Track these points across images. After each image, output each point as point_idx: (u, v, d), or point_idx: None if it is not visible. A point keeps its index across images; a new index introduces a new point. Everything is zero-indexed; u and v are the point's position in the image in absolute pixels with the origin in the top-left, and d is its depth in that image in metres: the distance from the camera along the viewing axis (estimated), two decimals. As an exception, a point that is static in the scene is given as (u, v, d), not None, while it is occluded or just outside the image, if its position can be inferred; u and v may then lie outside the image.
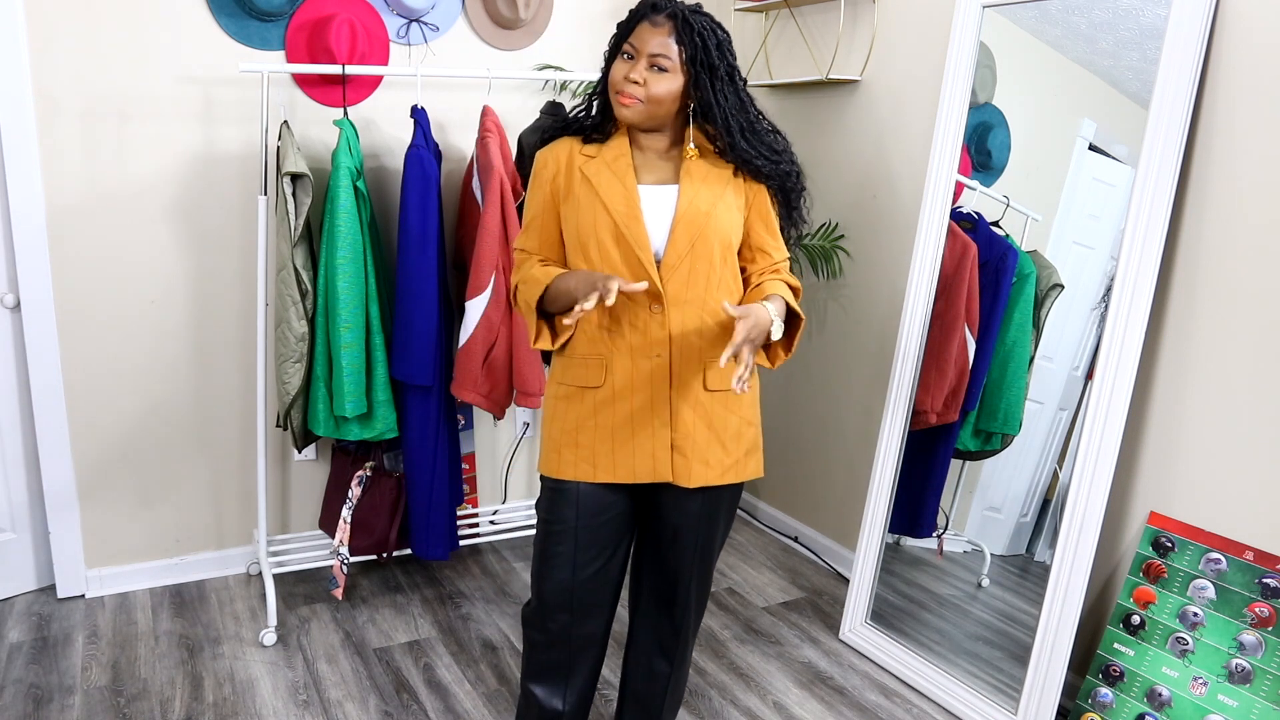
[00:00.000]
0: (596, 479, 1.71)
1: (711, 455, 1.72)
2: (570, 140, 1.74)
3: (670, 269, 1.66)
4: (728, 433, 1.74)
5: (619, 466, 1.70)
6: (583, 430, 1.72)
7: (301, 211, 2.45)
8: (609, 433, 1.70)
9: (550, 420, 1.76)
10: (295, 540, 2.91)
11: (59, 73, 2.45)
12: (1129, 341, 2.02)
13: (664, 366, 1.68)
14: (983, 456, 2.40)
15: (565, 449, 1.73)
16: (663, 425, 1.69)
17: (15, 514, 2.69)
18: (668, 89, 1.62)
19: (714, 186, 1.70)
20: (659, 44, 1.61)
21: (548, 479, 1.77)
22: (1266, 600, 1.89)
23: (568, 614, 1.77)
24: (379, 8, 2.73)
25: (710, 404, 1.72)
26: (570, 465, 1.72)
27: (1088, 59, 2.16)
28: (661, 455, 1.70)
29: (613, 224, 1.65)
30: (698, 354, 1.69)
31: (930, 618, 2.47)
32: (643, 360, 1.68)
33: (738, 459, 1.77)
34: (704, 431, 1.72)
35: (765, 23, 3.21)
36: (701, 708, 2.30)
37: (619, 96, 1.64)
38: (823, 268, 2.99)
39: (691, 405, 1.70)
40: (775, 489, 3.36)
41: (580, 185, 1.69)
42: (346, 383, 2.48)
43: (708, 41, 1.62)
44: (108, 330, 2.64)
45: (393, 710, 2.25)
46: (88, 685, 2.31)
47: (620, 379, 1.69)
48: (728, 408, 1.74)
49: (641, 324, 1.66)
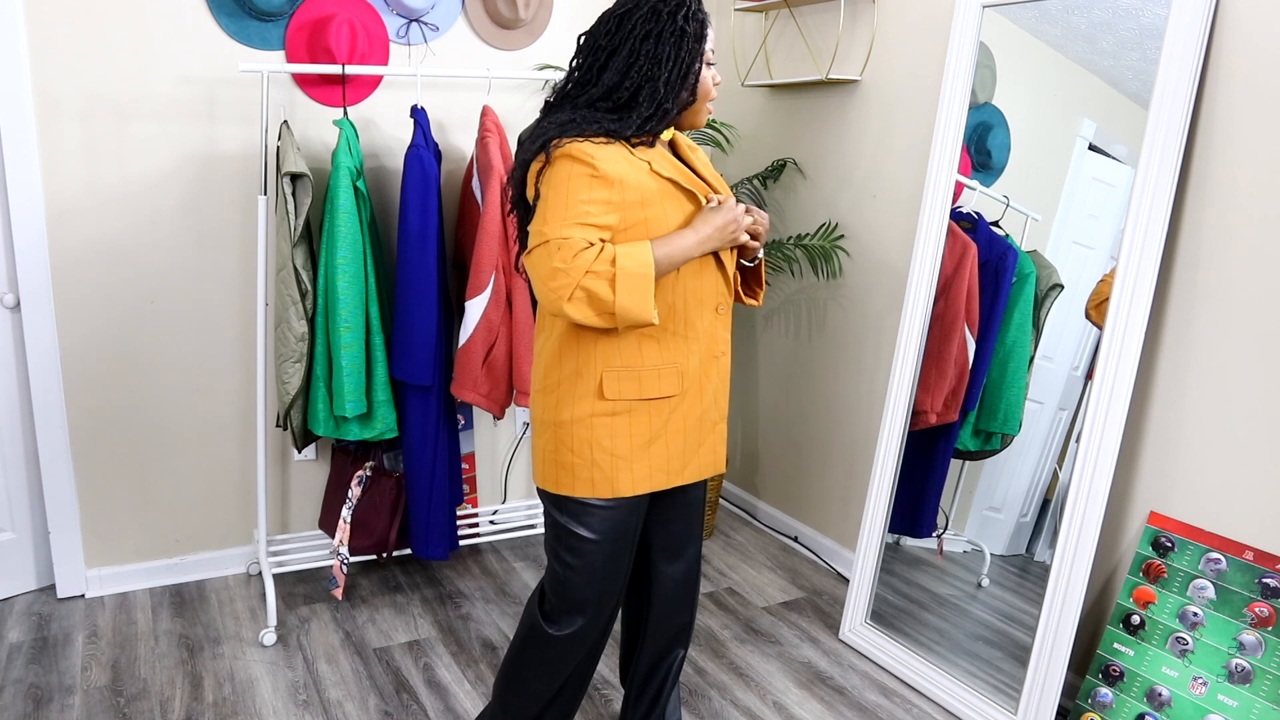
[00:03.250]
0: (669, 485, 1.73)
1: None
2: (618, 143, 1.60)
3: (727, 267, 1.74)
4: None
5: (687, 467, 1.75)
6: (655, 442, 1.68)
7: (301, 211, 2.45)
8: (680, 437, 1.72)
9: (607, 438, 1.65)
10: (295, 540, 2.91)
11: (59, 73, 2.45)
12: (1129, 341, 2.02)
13: (726, 363, 1.76)
14: (983, 456, 2.40)
15: (637, 464, 1.67)
16: (721, 418, 1.78)
17: (15, 514, 2.69)
18: None
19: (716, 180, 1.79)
20: None
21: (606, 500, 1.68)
22: (1266, 600, 1.89)
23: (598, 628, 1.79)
24: (379, 8, 2.73)
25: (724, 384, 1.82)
26: (645, 479, 1.68)
27: (1088, 59, 2.16)
28: (720, 448, 1.81)
29: None
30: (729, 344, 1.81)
31: (930, 618, 2.47)
32: (710, 361, 1.72)
33: None
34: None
35: (765, 23, 3.21)
36: (701, 708, 2.30)
37: (709, 104, 1.68)
38: (823, 268, 2.99)
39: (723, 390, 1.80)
40: (775, 489, 3.36)
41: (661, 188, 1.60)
42: (346, 383, 2.48)
43: None
44: (108, 330, 2.64)
45: (393, 710, 2.25)
46: (88, 685, 2.31)
47: (692, 383, 1.70)
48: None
49: (708, 325, 1.70)
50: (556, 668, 1.79)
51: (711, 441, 1.77)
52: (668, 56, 1.56)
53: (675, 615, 1.95)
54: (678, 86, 1.59)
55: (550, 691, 1.81)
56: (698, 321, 1.67)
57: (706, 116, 1.69)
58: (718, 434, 1.78)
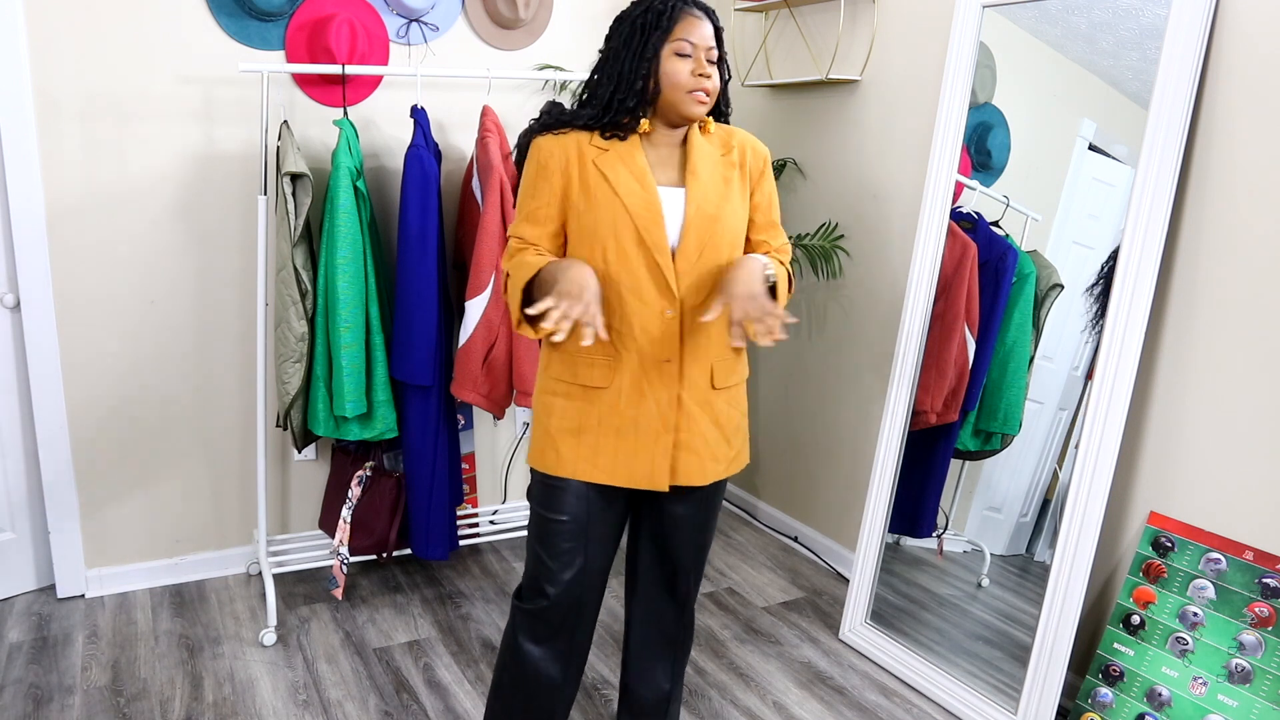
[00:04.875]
0: (594, 479, 1.71)
1: (719, 451, 1.76)
2: (577, 133, 1.68)
3: (683, 274, 1.66)
4: (730, 427, 1.78)
5: (619, 469, 1.70)
6: (585, 429, 1.71)
7: (301, 211, 2.45)
8: (613, 433, 1.70)
9: (546, 414, 1.75)
10: (295, 540, 2.91)
11: (59, 73, 2.45)
12: (1129, 341, 2.02)
13: (675, 370, 1.68)
14: (983, 456, 2.40)
15: (564, 446, 1.72)
16: (667, 430, 1.69)
17: (15, 514, 2.69)
18: (720, 80, 1.68)
19: (718, 185, 1.69)
20: (708, 36, 1.63)
21: (543, 474, 1.76)
22: (1266, 600, 1.89)
23: (575, 610, 1.78)
24: (379, 8, 2.73)
25: (717, 401, 1.74)
26: (569, 462, 1.72)
27: (1088, 59, 2.16)
28: (662, 462, 1.70)
29: (634, 227, 1.63)
30: (706, 353, 1.70)
31: (930, 618, 2.47)
32: (652, 364, 1.67)
33: (738, 450, 1.82)
34: (713, 430, 1.74)
35: (765, 23, 3.21)
36: (701, 708, 2.30)
37: (695, 95, 1.62)
38: (823, 268, 2.99)
39: (701, 405, 1.72)
40: (775, 489, 3.36)
41: (596, 181, 1.65)
42: (346, 383, 2.48)
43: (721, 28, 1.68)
44: (108, 330, 2.64)
45: (393, 710, 2.25)
46: (88, 685, 2.31)
47: (628, 381, 1.68)
48: (731, 404, 1.77)
49: (654, 329, 1.65)
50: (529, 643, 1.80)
51: (653, 453, 1.69)
52: (622, 49, 1.64)
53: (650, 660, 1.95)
54: (630, 77, 1.63)
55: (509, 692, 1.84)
56: (637, 320, 1.65)
57: (697, 108, 1.63)
58: (661, 446, 1.69)
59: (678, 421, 1.70)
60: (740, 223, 1.72)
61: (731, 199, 1.70)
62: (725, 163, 1.72)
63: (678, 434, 1.70)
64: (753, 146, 1.76)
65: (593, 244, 1.66)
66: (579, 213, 1.66)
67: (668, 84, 1.63)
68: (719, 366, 1.72)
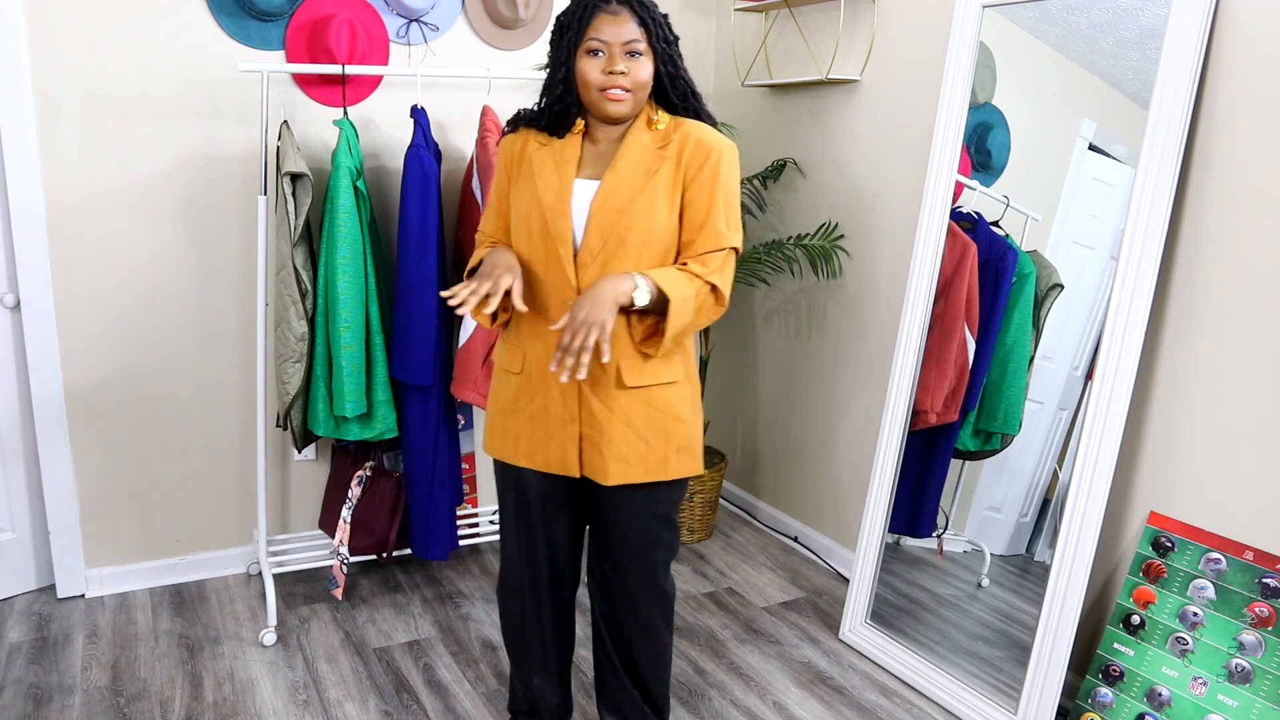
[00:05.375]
0: (517, 462, 1.79)
1: (633, 452, 1.71)
2: (528, 130, 1.77)
3: (584, 265, 1.67)
4: (651, 430, 1.72)
5: (535, 454, 1.77)
6: (510, 414, 1.79)
7: (301, 211, 2.45)
8: (529, 419, 1.76)
9: (492, 400, 1.85)
10: (295, 540, 2.91)
11: (59, 73, 2.45)
12: (1129, 341, 2.02)
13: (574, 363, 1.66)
14: (983, 456, 2.40)
15: (496, 430, 1.82)
16: (571, 420, 1.72)
17: (15, 514, 2.69)
18: (649, 72, 1.65)
19: (636, 178, 1.66)
20: (626, 31, 1.61)
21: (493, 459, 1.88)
22: (1266, 600, 1.89)
23: (529, 590, 1.88)
24: (379, 8, 2.73)
25: (630, 401, 1.70)
26: (498, 447, 1.82)
27: (1088, 59, 2.16)
28: (570, 450, 1.73)
29: (542, 217, 1.68)
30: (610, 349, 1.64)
31: (930, 618, 2.47)
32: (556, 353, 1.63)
33: (665, 456, 1.74)
34: (622, 429, 1.71)
35: (765, 23, 3.21)
36: (701, 708, 2.30)
37: (607, 94, 1.62)
38: (823, 268, 2.99)
39: (606, 402, 1.70)
40: (775, 489, 3.36)
41: (526, 175, 1.73)
42: (346, 383, 2.48)
43: (659, 18, 1.66)
44: (108, 330, 2.64)
45: (393, 710, 2.25)
46: (88, 685, 2.31)
47: (535, 369, 1.74)
48: (651, 405, 1.72)
49: (559, 319, 1.66)
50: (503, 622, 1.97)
51: (561, 440, 1.73)
52: (552, 52, 1.70)
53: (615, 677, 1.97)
54: (552, 82, 1.70)
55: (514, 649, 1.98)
56: (545, 310, 1.71)
57: (611, 106, 1.63)
58: (568, 434, 1.72)
59: (580, 414, 1.72)
60: (661, 218, 1.66)
61: (651, 193, 1.65)
62: (656, 156, 1.67)
63: (582, 426, 1.72)
64: (697, 140, 1.67)
65: (517, 234, 1.73)
66: (514, 204, 1.74)
67: (581, 84, 1.65)
68: (626, 364, 1.69)
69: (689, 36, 3.37)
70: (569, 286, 1.68)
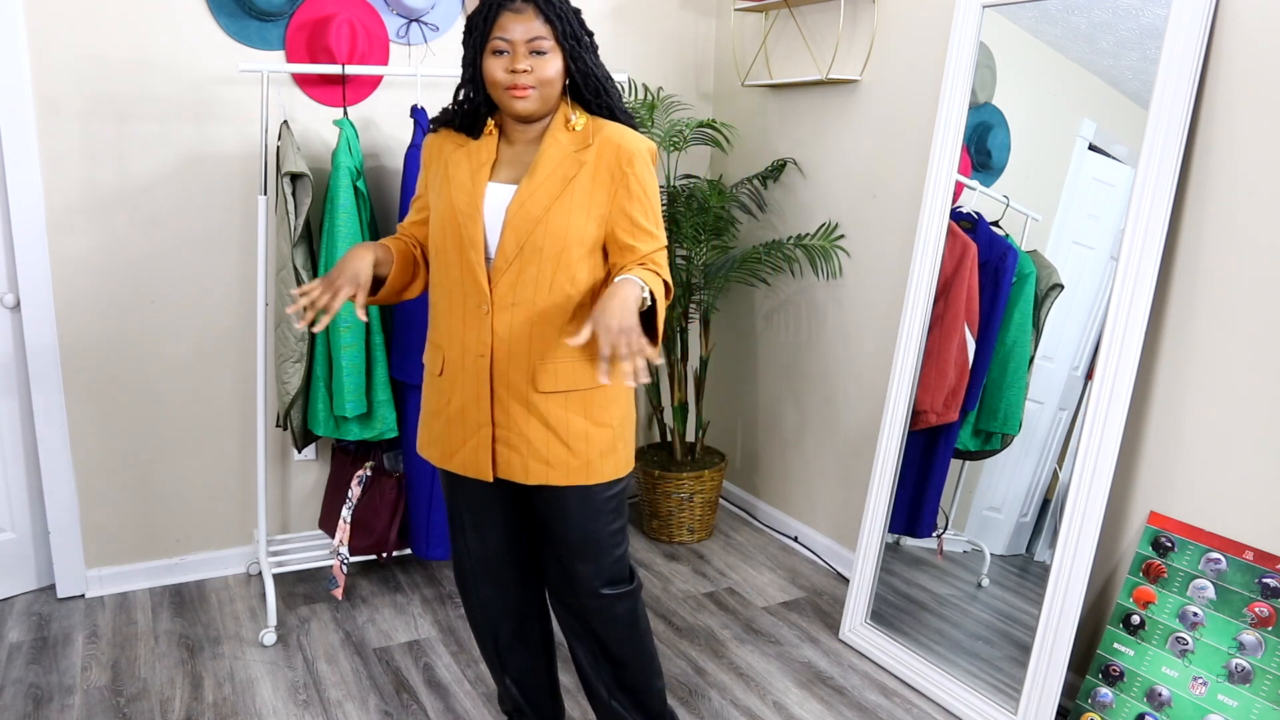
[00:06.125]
0: (439, 464, 1.81)
1: (553, 455, 1.71)
2: (449, 131, 1.77)
3: (499, 271, 1.66)
4: (571, 434, 1.71)
5: (452, 456, 1.78)
6: (433, 417, 1.81)
7: (301, 211, 2.45)
8: (447, 422, 1.78)
9: (422, 399, 1.87)
10: (295, 540, 2.91)
11: (59, 73, 2.45)
12: (1129, 341, 2.02)
13: (486, 366, 1.70)
14: (983, 456, 2.40)
15: (423, 430, 1.84)
16: (484, 423, 1.72)
17: (15, 514, 2.69)
18: (556, 68, 1.63)
19: (554, 184, 1.65)
20: (530, 29, 1.60)
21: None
22: (1266, 600, 1.89)
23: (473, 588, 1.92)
24: (379, 8, 2.74)
25: (546, 405, 1.70)
26: (424, 448, 1.84)
27: (1088, 59, 2.16)
28: (483, 453, 1.73)
29: (456, 221, 1.68)
30: (525, 356, 1.68)
31: (930, 618, 2.47)
32: (470, 357, 1.71)
33: (588, 460, 1.73)
34: (540, 431, 1.70)
35: (765, 23, 3.21)
36: (701, 708, 2.30)
37: (511, 92, 1.61)
38: (823, 268, 2.99)
39: (523, 404, 1.70)
40: (775, 489, 3.36)
41: (442, 177, 1.73)
42: (346, 383, 2.48)
43: (568, 15, 1.64)
44: (107, 330, 2.64)
45: (393, 710, 2.25)
46: (88, 685, 2.31)
47: (452, 371, 1.75)
48: (568, 409, 1.71)
49: (474, 322, 1.69)
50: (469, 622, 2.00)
51: (474, 443, 1.73)
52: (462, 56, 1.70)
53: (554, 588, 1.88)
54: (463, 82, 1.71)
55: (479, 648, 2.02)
56: (460, 312, 1.71)
57: (516, 104, 1.62)
58: (481, 438, 1.72)
59: (495, 416, 1.72)
60: (578, 225, 1.65)
61: (568, 201, 1.64)
62: (574, 160, 1.66)
63: (495, 429, 1.72)
64: (618, 143, 1.66)
65: (434, 235, 1.75)
66: (432, 206, 1.76)
67: (489, 83, 1.64)
68: (543, 370, 1.68)
69: (689, 36, 3.37)
70: (481, 291, 1.67)
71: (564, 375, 1.70)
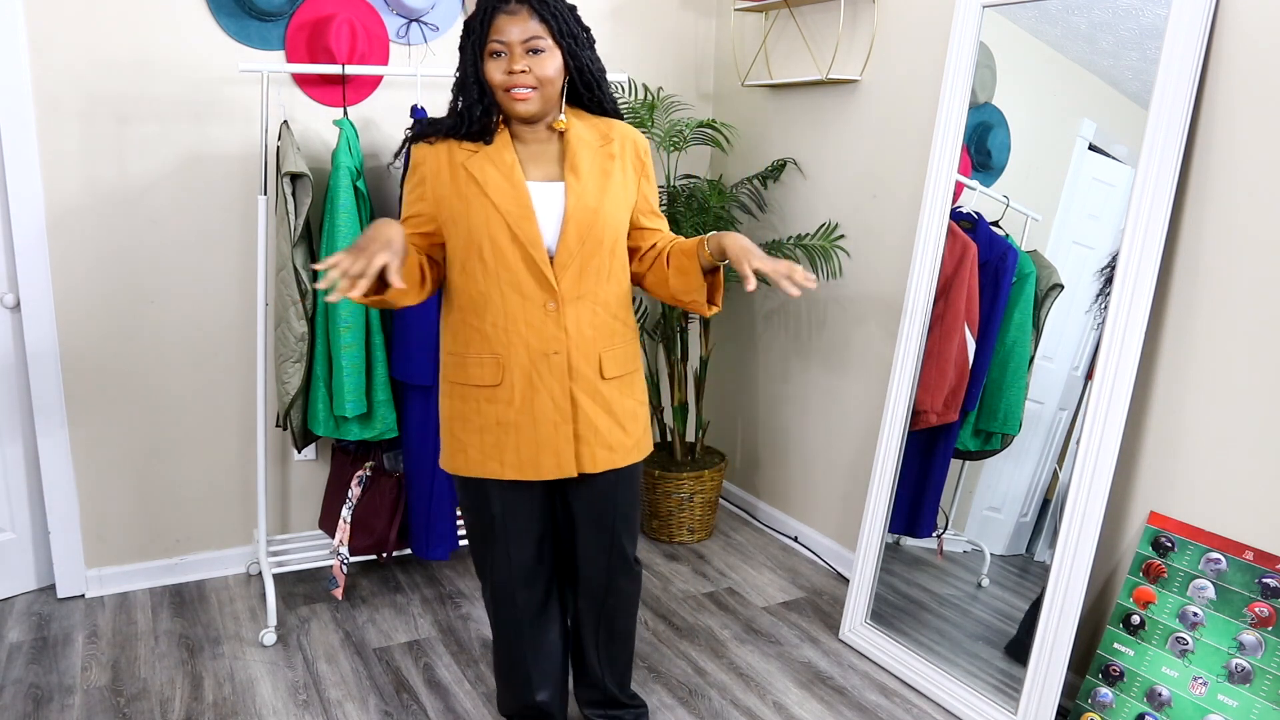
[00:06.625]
0: (505, 475, 1.76)
1: (614, 439, 1.80)
2: (447, 140, 1.73)
3: (562, 266, 1.70)
4: (625, 416, 1.82)
5: (525, 464, 1.75)
6: (486, 428, 1.76)
7: (301, 211, 2.45)
8: (512, 430, 1.74)
9: (450, 417, 1.80)
10: (295, 540, 2.91)
11: (59, 73, 2.45)
12: (1129, 341, 2.02)
13: (563, 362, 1.72)
14: (983, 456, 2.40)
15: (470, 447, 1.77)
16: (565, 421, 1.74)
17: (15, 514, 2.69)
18: (555, 67, 1.65)
19: (598, 177, 1.73)
20: (526, 29, 1.62)
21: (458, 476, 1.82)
22: (1266, 600, 1.89)
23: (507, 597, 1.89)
24: (379, 8, 2.74)
25: (608, 391, 1.78)
26: (478, 462, 1.77)
27: (1088, 59, 2.16)
28: (565, 450, 1.75)
29: (505, 224, 1.67)
30: (593, 345, 1.75)
31: (930, 618, 2.47)
32: (540, 358, 1.71)
33: (637, 439, 1.85)
34: (605, 419, 1.78)
35: (765, 23, 3.21)
36: (701, 708, 2.30)
37: (512, 94, 1.64)
38: (823, 268, 2.99)
39: (591, 395, 1.76)
40: (775, 489, 3.36)
41: (466, 184, 1.69)
42: (346, 383, 2.48)
43: (563, 12, 1.66)
44: (108, 330, 2.64)
45: (393, 710, 2.25)
46: (88, 685, 2.31)
47: (519, 377, 1.72)
48: (623, 393, 1.81)
49: (538, 322, 1.70)
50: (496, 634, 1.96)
51: (557, 444, 1.74)
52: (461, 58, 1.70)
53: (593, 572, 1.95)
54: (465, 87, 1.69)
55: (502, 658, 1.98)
56: (520, 316, 1.70)
57: (516, 105, 1.65)
58: (562, 437, 1.74)
59: (571, 412, 1.74)
60: (621, 214, 1.76)
61: (611, 191, 1.73)
62: (603, 154, 1.75)
63: (576, 425, 1.75)
64: (634, 139, 1.80)
65: (470, 244, 1.70)
66: (456, 216, 1.70)
67: (490, 86, 1.66)
68: (606, 357, 1.77)
69: (689, 36, 3.37)
70: (548, 289, 1.69)
71: (620, 360, 1.79)
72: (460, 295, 1.75)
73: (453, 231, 1.72)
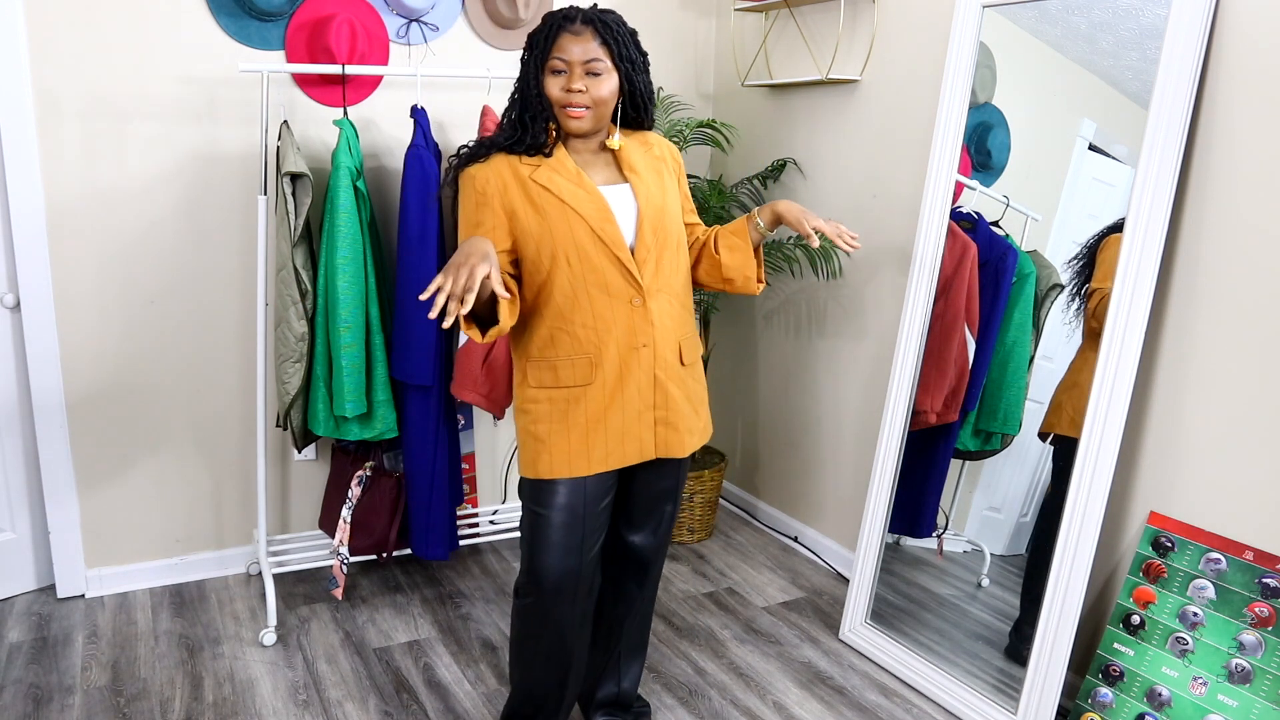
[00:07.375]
0: (591, 471, 1.79)
1: (693, 424, 1.90)
2: (504, 156, 1.74)
3: (642, 262, 1.77)
4: (697, 399, 1.92)
5: (611, 454, 1.80)
6: (573, 426, 1.79)
7: (301, 211, 2.45)
8: (601, 424, 1.79)
9: (533, 422, 1.81)
10: (295, 540, 2.91)
11: (59, 73, 2.45)
12: (1129, 341, 2.02)
13: (651, 354, 1.79)
14: (983, 456, 2.40)
15: (556, 449, 1.79)
16: (648, 408, 1.81)
17: (15, 514, 2.69)
18: (610, 89, 1.71)
19: (656, 178, 1.83)
20: (588, 50, 1.67)
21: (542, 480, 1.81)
22: (1266, 600, 1.89)
23: (572, 597, 1.85)
24: (379, 8, 2.73)
25: (686, 377, 1.88)
26: (564, 464, 1.79)
27: (1088, 59, 2.16)
28: (648, 436, 1.83)
29: (588, 228, 1.72)
30: (673, 334, 1.83)
31: (930, 618, 2.47)
32: (629, 352, 1.77)
33: (706, 421, 1.97)
34: (685, 404, 1.87)
35: (765, 23, 3.21)
36: (701, 708, 2.30)
37: (568, 110, 1.70)
38: (822, 268, 2.99)
39: (676, 382, 1.84)
40: (775, 489, 3.36)
41: (540, 195, 1.72)
42: (346, 383, 2.48)
43: (625, 37, 1.71)
44: (108, 330, 2.64)
45: (393, 710, 2.25)
46: (88, 685, 2.31)
47: (610, 373, 1.77)
48: (696, 378, 1.91)
49: (624, 318, 1.76)
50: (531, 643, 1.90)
51: (640, 431, 1.81)
52: (522, 72, 1.74)
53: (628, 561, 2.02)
54: (528, 99, 1.72)
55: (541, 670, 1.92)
56: (608, 314, 1.75)
57: (570, 121, 1.70)
58: (645, 424, 1.81)
59: (655, 399, 1.81)
60: (679, 214, 1.87)
61: (668, 189, 1.84)
62: (655, 159, 1.85)
63: (657, 410, 1.82)
64: (669, 146, 1.91)
65: (554, 253, 1.72)
66: (532, 230, 1.73)
67: (549, 101, 1.71)
68: (685, 344, 1.87)
69: (689, 36, 3.37)
70: (634, 284, 1.76)
71: (693, 346, 1.90)
72: (544, 304, 1.76)
73: (530, 246, 1.73)
